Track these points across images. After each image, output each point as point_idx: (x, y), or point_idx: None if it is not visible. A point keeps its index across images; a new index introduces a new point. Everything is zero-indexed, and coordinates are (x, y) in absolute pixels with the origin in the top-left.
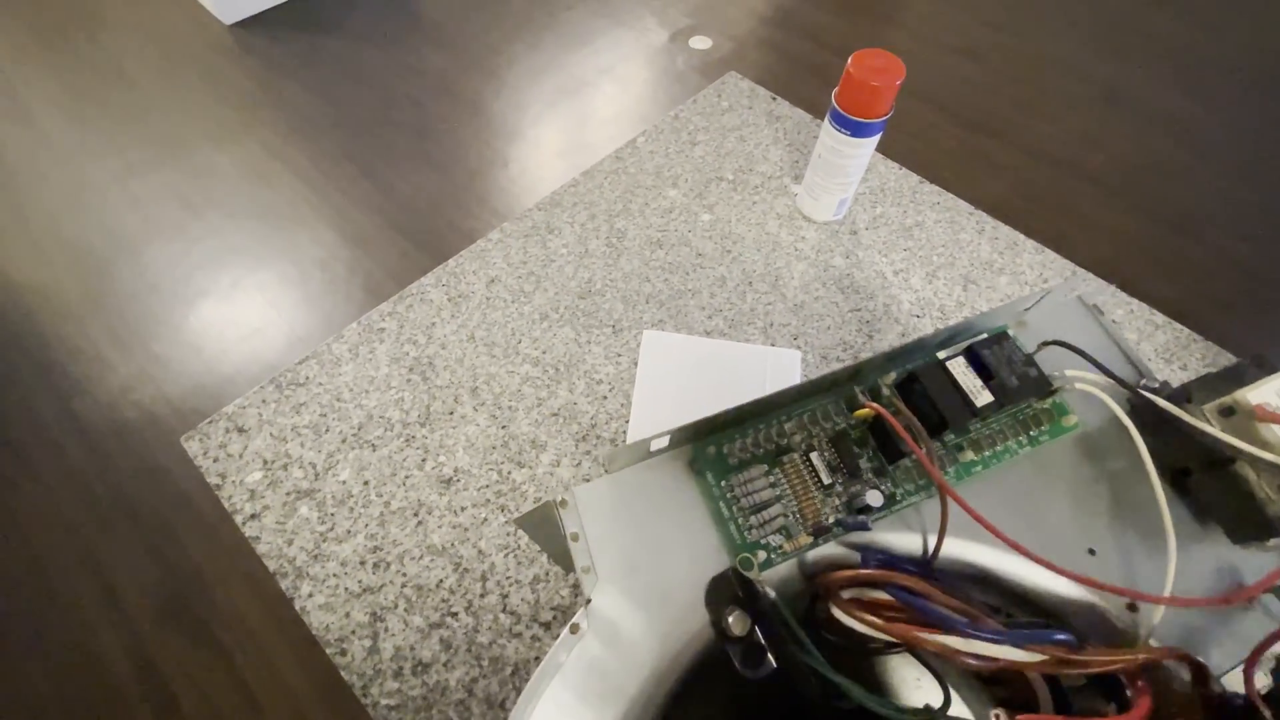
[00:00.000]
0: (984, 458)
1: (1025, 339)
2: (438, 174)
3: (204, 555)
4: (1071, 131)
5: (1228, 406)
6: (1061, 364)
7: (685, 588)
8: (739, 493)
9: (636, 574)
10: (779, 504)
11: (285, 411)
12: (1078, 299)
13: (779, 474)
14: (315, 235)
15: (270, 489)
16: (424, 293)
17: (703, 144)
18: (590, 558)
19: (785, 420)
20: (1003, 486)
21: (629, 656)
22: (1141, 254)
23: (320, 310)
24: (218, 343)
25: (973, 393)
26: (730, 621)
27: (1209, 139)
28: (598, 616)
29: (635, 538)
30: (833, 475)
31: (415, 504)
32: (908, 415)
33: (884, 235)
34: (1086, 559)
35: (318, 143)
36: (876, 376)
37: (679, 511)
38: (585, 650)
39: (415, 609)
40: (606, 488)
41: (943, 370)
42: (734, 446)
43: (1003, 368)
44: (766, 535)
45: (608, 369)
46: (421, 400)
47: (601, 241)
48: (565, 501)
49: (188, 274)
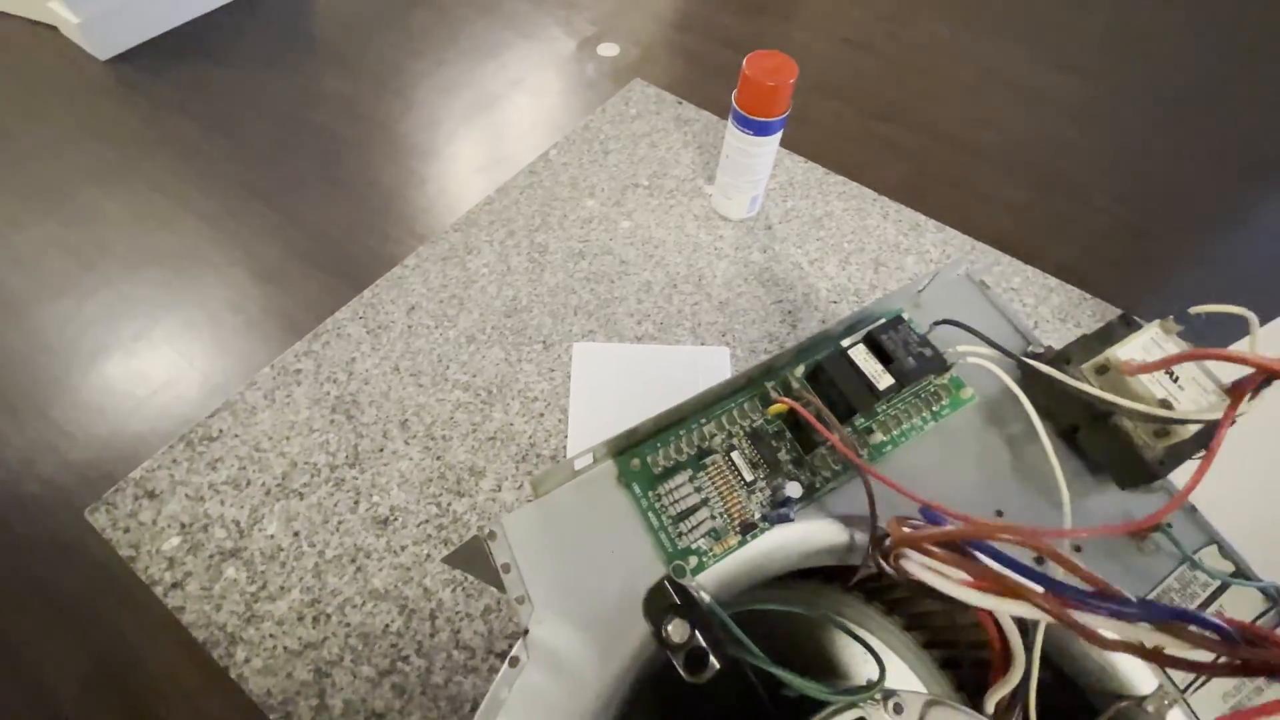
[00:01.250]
0: (893, 437)
1: (921, 319)
2: (350, 200)
3: (129, 628)
4: (963, 113)
5: (1101, 365)
6: (955, 340)
7: (624, 603)
8: (665, 501)
9: (572, 597)
10: (705, 507)
11: (200, 469)
12: (965, 276)
13: (703, 477)
14: (222, 276)
15: (191, 554)
16: (340, 328)
17: (615, 152)
18: (524, 587)
19: (705, 423)
20: (913, 461)
21: (572, 682)
22: (1036, 223)
23: (236, 354)
24: (124, 401)
25: (874, 377)
26: (670, 630)
27: (1090, 111)
28: (537, 646)
29: (568, 560)
30: (754, 471)
31: (352, 549)
32: (818, 405)
33: (797, 228)
34: (995, 520)
35: (214, 178)
36: (786, 371)
37: (611, 527)
38: (527, 682)
39: (363, 659)
40: (535, 513)
41: (845, 358)
42: (657, 456)
43: (900, 350)
44: (696, 540)
45: (542, 385)
46: (348, 440)
47: (523, 257)
48: (493, 534)
49: (82, 330)
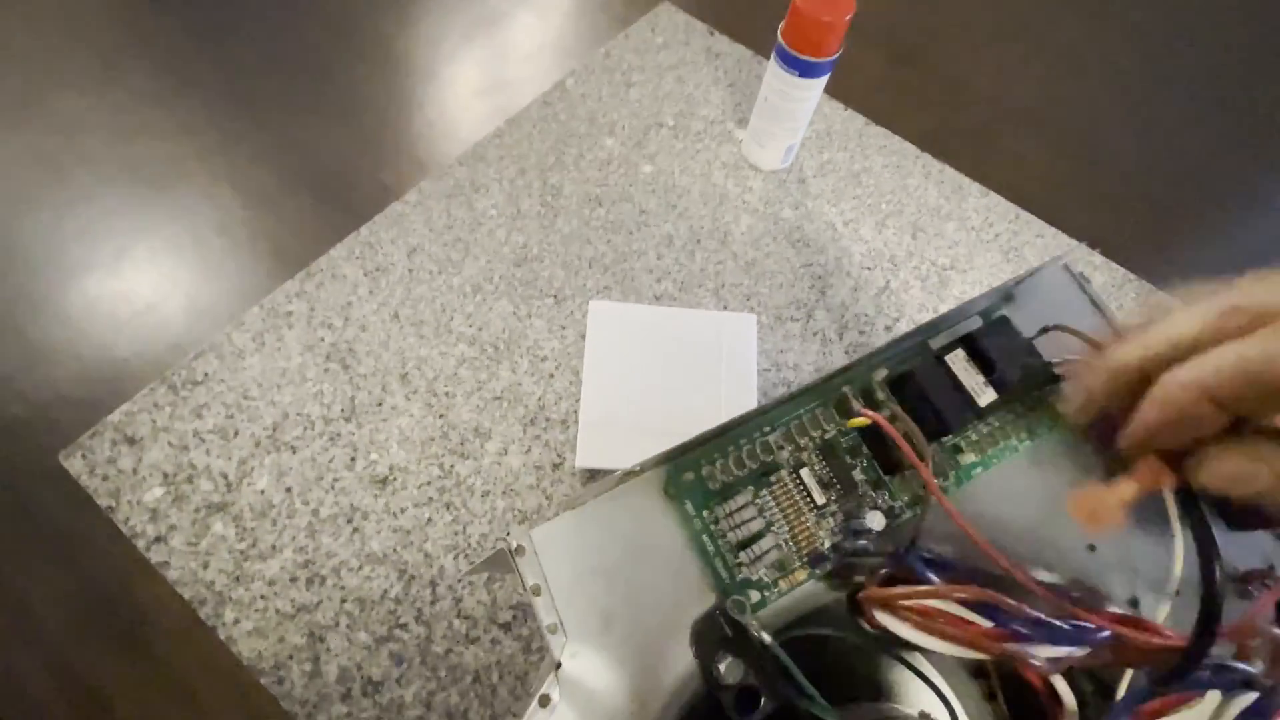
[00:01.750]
0: (984, 458)
1: (1014, 318)
2: (341, 120)
3: (117, 561)
4: (995, 64)
5: None
6: (1060, 347)
7: (668, 634)
8: (724, 525)
9: (611, 626)
10: (770, 533)
11: (184, 415)
12: (1063, 268)
13: (767, 496)
14: (207, 195)
15: (175, 507)
16: (335, 268)
17: (639, 85)
18: (557, 613)
19: (770, 432)
20: (1001, 487)
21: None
22: (1056, 187)
23: (223, 280)
24: (107, 322)
25: (975, 390)
26: (722, 670)
27: (1129, 78)
28: (570, 682)
29: (606, 584)
30: (826, 493)
31: (348, 509)
32: (907, 422)
33: (833, 183)
34: (1086, 555)
35: (199, 88)
36: (869, 375)
37: (656, 548)
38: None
39: (359, 624)
40: (569, 526)
41: (941, 366)
42: (714, 468)
43: (1004, 359)
44: (758, 572)
45: (552, 344)
46: (344, 392)
47: (535, 200)
48: (521, 548)
49: (62, 246)
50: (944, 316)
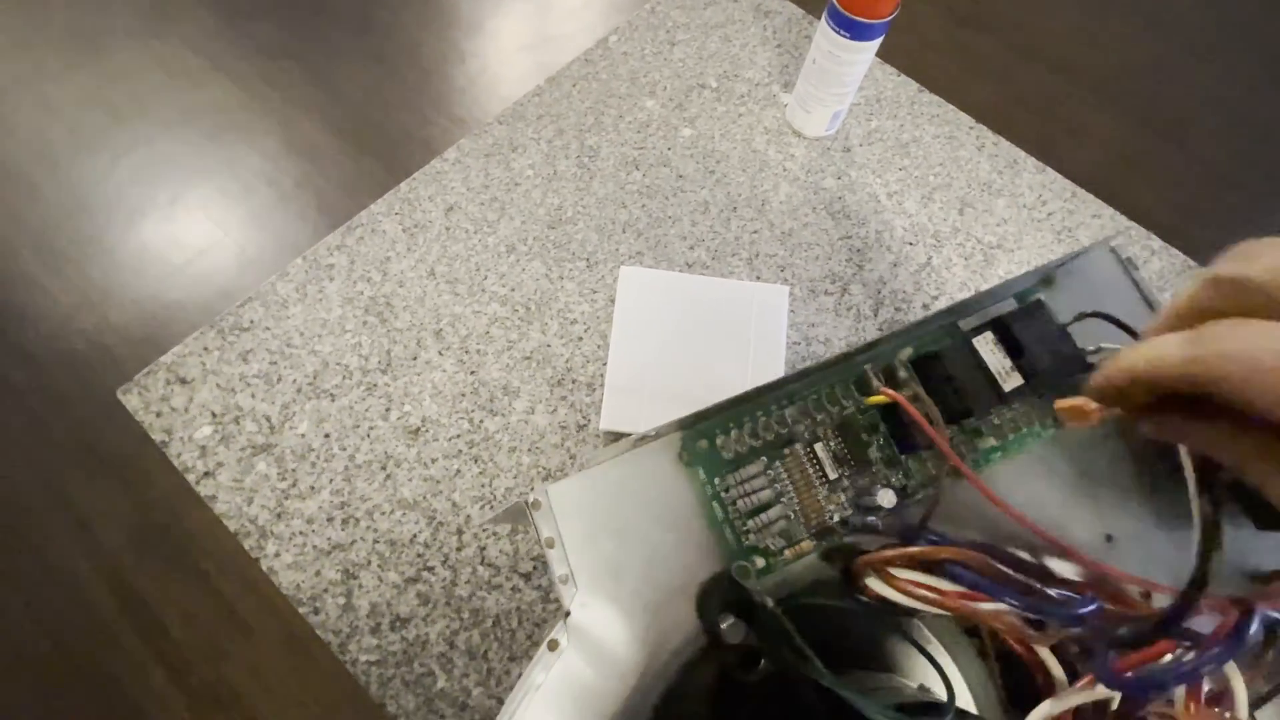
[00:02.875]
0: (1005, 443)
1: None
2: (388, 72)
3: (171, 490)
4: (1067, 26)
5: None
6: (1096, 334)
7: (675, 592)
8: (735, 493)
9: (620, 580)
10: (779, 504)
11: (231, 360)
12: (1111, 250)
13: (779, 468)
14: (256, 144)
15: (222, 445)
16: (376, 223)
17: (683, 44)
18: (569, 565)
19: (786, 405)
20: (1022, 473)
21: (614, 671)
22: (1122, 160)
23: (270, 228)
24: (161, 266)
25: (1001, 375)
26: (725, 629)
27: (1212, 40)
28: (578, 630)
29: (618, 541)
30: (839, 469)
31: (382, 456)
32: (928, 404)
33: (879, 153)
34: (1104, 546)
35: (250, 37)
36: (892, 353)
37: (668, 510)
38: (566, 668)
39: (389, 565)
40: (584, 485)
41: (968, 348)
42: (729, 438)
43: (1035, 344)
44: (765, 539)
45: (582, 307)
46: (381, 345)
47: (571, 161)
48: (537, 502)
49: (119, 190)
50: (977, 297)
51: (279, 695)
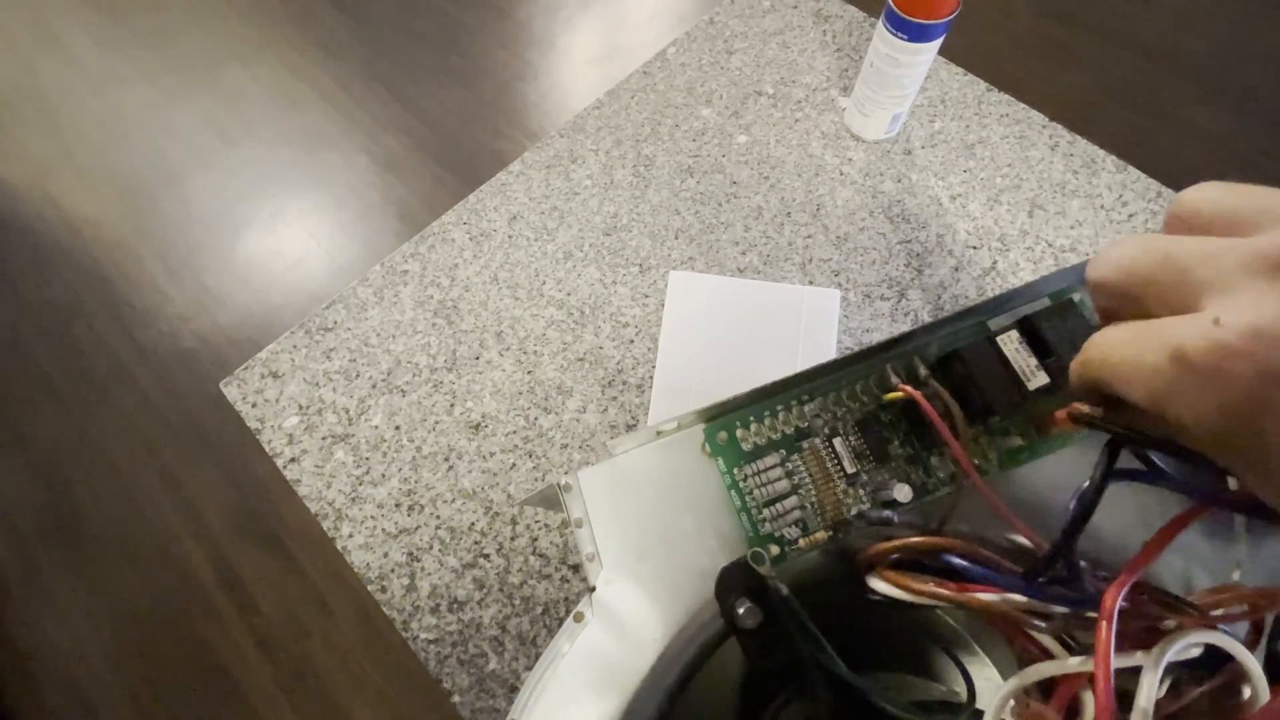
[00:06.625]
0: (1033, 444)
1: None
2: (464, 89)
3: (267, 478)
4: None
5: None
6: None
7: (695, 575)
8: (752, 483)
9: (644, 561)
10: (796, 495)
11: (316, 357)
12: None
13: (797, 460)
14: (347, 160)
15: (307, 434)
16: (446, 232)
17: (740, 52)
18: (595, 544)
19: (807, 400)
20: (1049, 475)
21: (635, 645)
22: (1230, 161)
23: (358, 239)
24: (264, 274)
25: (1025, 374)
26: (740, 614)
27: None
28: (602, 605)
29: (643, 525)
30: (857, 464)
31: (446, 449)
32: (946, 401)
33: (942, 154)
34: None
35: (342, 60)
36: (915, 350)
37: (690, 498)
38: (589, 639)
39: (449, 550)
40: (612, 471)
41: (992, 346)
42: (748, 431)
43: (1064, 343)
44: (781, 528)
45: (634, 311)
46: (448, 345)
47: (628, 171)
48: (568, 486)
49: (230, 205)
50: (1009, 296)
51: (353, 671)
